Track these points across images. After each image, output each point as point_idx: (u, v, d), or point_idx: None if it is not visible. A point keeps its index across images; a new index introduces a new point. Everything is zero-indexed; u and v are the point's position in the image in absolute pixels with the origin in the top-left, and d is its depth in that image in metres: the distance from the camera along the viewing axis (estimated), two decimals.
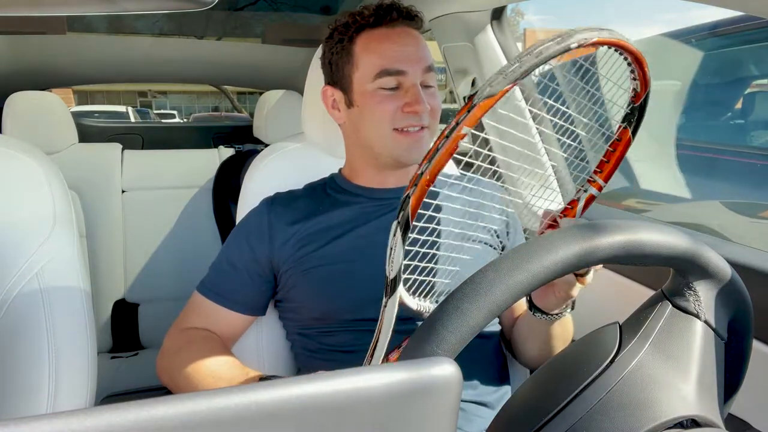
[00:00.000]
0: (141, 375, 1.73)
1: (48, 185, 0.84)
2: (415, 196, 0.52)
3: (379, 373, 0.30)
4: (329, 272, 0.87)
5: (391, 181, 0.94)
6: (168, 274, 1.94)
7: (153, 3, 0.71)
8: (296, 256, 0.89)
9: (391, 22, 0.88)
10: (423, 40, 0.90)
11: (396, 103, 0.86)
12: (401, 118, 0.86)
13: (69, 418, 0.25)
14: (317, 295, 0.88)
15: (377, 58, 0.86)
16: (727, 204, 1.68)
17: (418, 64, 0.87)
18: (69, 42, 1.98)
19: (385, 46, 0.87)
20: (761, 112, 2.41)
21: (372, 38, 0.88)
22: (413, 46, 0.88)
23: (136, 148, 2.20)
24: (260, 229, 0.91)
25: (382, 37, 0.87)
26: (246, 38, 2.38)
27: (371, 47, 0.87)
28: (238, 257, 0.91)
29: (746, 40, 2.34)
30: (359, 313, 0.85)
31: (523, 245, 0.42)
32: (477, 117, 0.49)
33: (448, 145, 0.50)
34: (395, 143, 0.88)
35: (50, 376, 0.76)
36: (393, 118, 0.86)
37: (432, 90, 0.89)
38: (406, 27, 0.89)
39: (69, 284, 0.81)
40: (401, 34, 0.88)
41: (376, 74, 0.86)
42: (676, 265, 0.47)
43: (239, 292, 0.91)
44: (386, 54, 0.86)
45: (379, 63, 0.86)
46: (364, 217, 0.91)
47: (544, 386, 0.47)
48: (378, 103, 0.87)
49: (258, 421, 0.27)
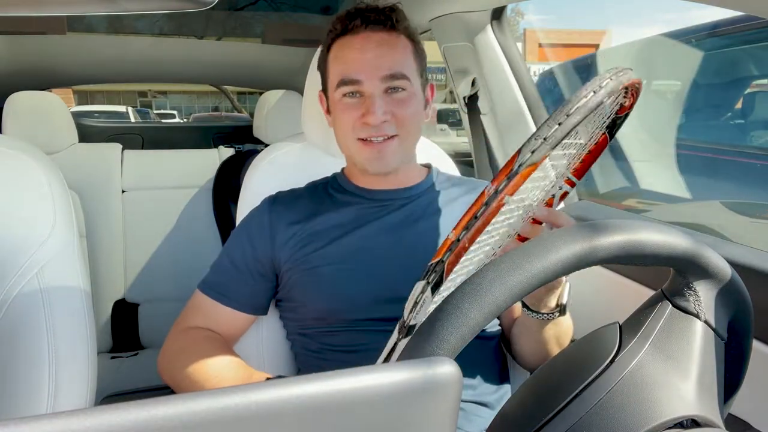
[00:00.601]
0: (141, 375, 1.73)
1: (48, 185, 0.84)
2: (450, 261, 0.50)
3: (379, 373, 0.30)
4: (329, 272, 0.87)
5: (384, 183, 0.94)
6: (168, 274, 1.94)
7: (153, 3, 0.71)
8: (297, 256, 0.89)
9: (354, 30, 0.87)
10: (393, 44, 0.87)
11: (356, 113, 0.86)
12: (361, 129, 0.87)
13: (69, 418, 0.25)
14: (317, 295, 0.88)
15: (338, 66, 0.88)
16: (727, 204, 1.68)
17: (375, 72, 0.85)
18: (69, 42, 1.98)
19: (344, 54, 0.87)
20: (761, 112, 2.41)
21: (339, 47, 0.89)
22: (374, 52, 0.86)
23: (136, 148, 2.20)
24: (262, 228, 0.92)
25: (343, 46, 0.88)
26: (246, 38, 2.38)
27: (337, 56, 0.89)
28: (240, 256, 0.92)
29: (746, 40, 2.34)
30: (359, 314, 0.85)
31: (524, 245, 0.42)
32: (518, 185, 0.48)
33: (487, 214, 0.48)
34: (359, 153, 0.89)
35: (50, 376, 0.76)
36: (354, 128, 0.87)
37: (401, 96, 0.87)
38: (373, 32, 0.87)
39: (69, 284, 0.81)
40: (362, 41, 0.86)
41: (337, 84, 0.87)
42: (676, 265, 0.47)
43: (241, 291, 0.91)
44: (345, 62, 0.87)
45: (339, 72, 0.87)
46: (364, 218, 0.91)
47: (544, 386, 0.47)
48: (341, 112, 0.88)
49: (258, 421, 0.27)
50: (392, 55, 0.86)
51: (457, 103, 1.55)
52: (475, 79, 1.43)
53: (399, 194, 0.94)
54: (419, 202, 0.94)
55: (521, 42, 15.04)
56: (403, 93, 0.87)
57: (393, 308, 0.67)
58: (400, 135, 0.88)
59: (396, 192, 0.94)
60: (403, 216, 0.92)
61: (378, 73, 0.85)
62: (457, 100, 1.54)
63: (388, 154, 0.87)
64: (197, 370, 0.82)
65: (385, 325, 0.65)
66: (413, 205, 0.94)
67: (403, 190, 0.95)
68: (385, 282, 0.85)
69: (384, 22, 0.87)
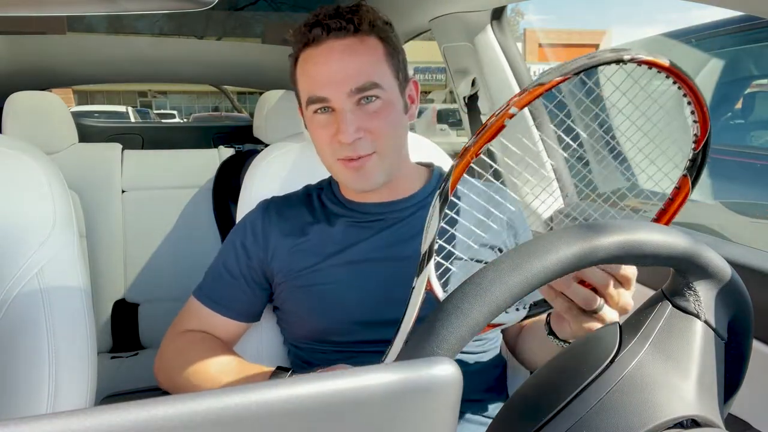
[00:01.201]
0: (141, 375, 1.73)
1: (48, 185, 0.84)
2: (458, 167, 0.52)
3: (379, 373, 0.30)
4: (321, 292, 0.85)
5: (374, 197, 0.88)
6: (168, 274, 1.94)
7: (153, 3, 0.71)
8: (289, 270, 0.87)
9: (315, 41, 0.79)
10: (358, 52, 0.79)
11: (329, 131, 0.80)
12: (338, 149, 0.80)
13: (69, 418, 0.25)
14: (309, 314, 0.86)
15: (305, 83, 0.82)
16: (728, 204, 1.68)
17: (342, 86, 0.77)
18: (69, 42, 1.98)
19: (310, 70, 0.80)
20: (761, 112, 2.41)
21: (303, 60, 0.82)
22: (337, 64, 0.78)
23: (136, 148, 2.20)
24: (255, 235, 0.90)
25: (307, 59, 0.81)
26: (246, 38, 2.39)
27: (302, 71, 0.82)
28: (234, 263, 0.90)
29: (746, 40, 2.34)
30: (351, 336, 0.83)
31: (524, 245, 0.42)
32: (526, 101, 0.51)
33: (496, 121, 0.51)
34: (339, 172, 0.84)
35: (50, 376, 0.76)
36: (331, 149, 0.81)
37: (374, 107, 0.79)
38: (336, 40, 0.79)
39: (69, 284, 0.81)
40: (325, 53, 0.79)
41: (306, 101, 0.82)
42: (676, 265, 0.47)
43: (235, 299, 0.89)
44: (310, 78, 0.80)
45: (306, 89, 0.81)
46: (356, 236, 0.87)
47: (544, 386, 0.47)
48: (315, 130, 0.83)
49: (258, 421, 0.27)
50: (358, 64, 0.78)
51: (457, 103, 1.55)
52: (475, 79, 1.43)
53: (393, 207, 0.89)
54: (417, 215, 0.88)
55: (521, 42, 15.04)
56: (377, 102, 0.79)
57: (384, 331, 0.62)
58: (378, 151, 0.81)
59: (389, 205, 0.89)
60: (396, 233, 0.87)
61: (344, 88, 0.77)
62: (457, 100, 1.54)
63: (369, 172, 0.81)
64: (195, 371, 0.81)
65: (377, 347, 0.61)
66: (409, 219, 0.88)
67: (398, 202, 0.89)
68: (376, 305, 0.82)
69: (346, 27, 0.79)
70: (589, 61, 0.50)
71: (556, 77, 0.50)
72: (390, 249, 0.86)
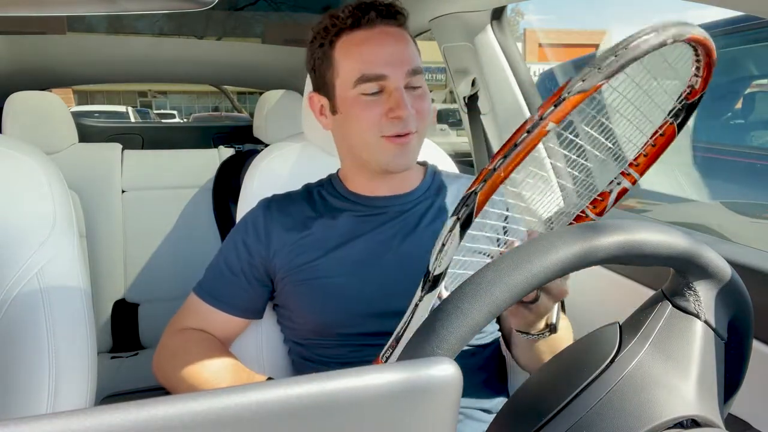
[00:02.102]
0: (141, 375, 1.73)
1: (48, 185, 0.84)
2: (483, 192, 0.48)
3: (379, 373, 0.30)
4: (322, 286, 0.85)
5: (384, 188, 0.91)
6: (168, 274, 1.94)
7: (153, 3, 0.71)
8: (291, 265, 0.87)
9: (369, 23, 0.83)
10: (408, 40, 0.86)
11: (379, 109, 0.82)
12: (387, 125, 0.82)
13: (69, 418, 0.25)
14: (312, 308, 0.86)
15: (356, 62, 0.82)
16: (728, 204, 1.68)
17: (400, 66, 0.82)
18: (69, 42, 1.98)
19: (364, 50, 0.82)
20: (761, 112, 2.41)
21: (351, 42, 0.83)
22: (394, 47, 0.83)
23: (136, 148, 2.20)
24: (257, 233, 0.90)
25: (360, 40, 0.83)
26: (246, 38, 2.39)
27: (350, 52, 0.83)
28: (235, 260, 0.90)
29: (746, 40, 2.34)
30: (354, 328, 0.83)
31: (524, 245, 0.42)
32: (565, 112, 0.45)
33: (528, 141, 0.46)
34: (382, 151, 0.84)
35: (50, 376, 0.76)
36: (379, 125, 0.82)
37: (420, 92, 0.85)
38: (387, 26, 0.84)
39: (69, 284, 0.81)
40: (381, 35, 0.83)
41: (356, 80, 0.82)
42: (676, 265, 0.47)
43: (236, 296, 0.90)
44: (366, 58, 0.82)
45: (359, 68, 0.82)
46: (359, 229, 0.88)
47: (544, 386, 0.47)
48: (361, 110, 0.83)
49: (258, 421, 0.27)
50: (410, 50, 0.84)
51: (457, 103, 1.55)
52: (475, 79, 1.43)
53: (396, 201, 0.91)
54: (417, 209, 0.91)
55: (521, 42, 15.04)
56: (420, 89, 0.85)
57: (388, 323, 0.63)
58: (418, 131, 0.85)
59: (393, 199, 0.91)
60: (399, 226, 0.89)
61: (403, 68, 0.82)
62: (457, 100, 1.54)
63: (410, 150, 0.85)
64: (192, 373, 0.81)
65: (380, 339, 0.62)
66: (410, 212, 0.90)
67: (401, 196, 0.92)
68: (380, 296, 0.83)
69: (395, 15, 0.85)
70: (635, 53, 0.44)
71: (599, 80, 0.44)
72: (392, 241, 0.87)
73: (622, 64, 0.44)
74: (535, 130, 0.45)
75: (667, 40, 0.45)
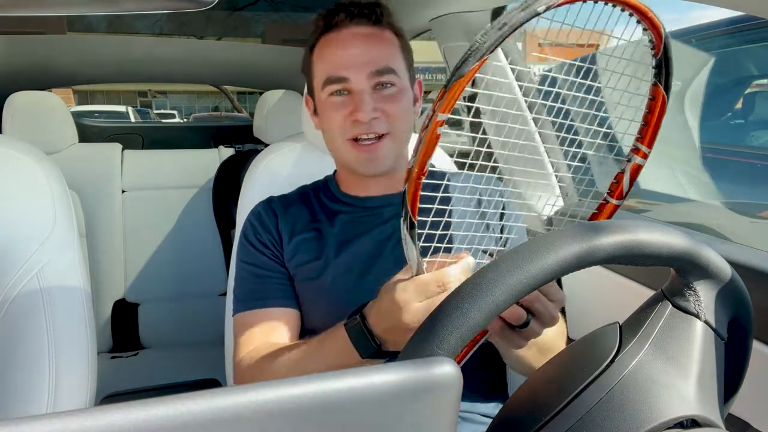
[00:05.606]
0: (141, 375, 1.73)
1: (48, 185, 0.84)
2: (409, 190, 0.51)
3: (379, 373, 0.30)
4: (320, 288, 0.85)
5: (376, 188, 0.90)
6: (168, 274, 1.94)
7: (153, 3, 0.71)
8: (292, 264, 0.88)
9: (338, 25, 0.84)
10: (380, 38, 0.84)
11: (344, 111, 0.82)
12: (351, 128, 0.83)
13: (69, 418, 0.25)
14: (312, 308, 0.87)
15: (323, 65, 0.84)
16: (728, 204, 1.68)
17: (363, 68, 0.81)
18: (69, 42, 1.98)
19: (329, 52, 0.84)
20: (761, 112, 2.41)
21: (322, 45, 0.86)
22: (359, 48, 0.82)
23: (136, 147, 2.20)
24: (265, 228, 0.90)
25: (328, 43, 0.85)
26: (246, 38, 2.38)
27: (321, 54, 0.85)
28: (259, 260, 0.89)
29: (747, 40, 2.34)
30: None
31: (524, 245, 0.42)
32: (450, 100, 0.48)
33: (428, 134, 0.49)
34: (350, 155, 0.85)
35: (50, 376, 0.76)
36: (343, 128, 0.83)
37: (391, 91, 0.83)
38: (359, 27, 0.84)
39: (69, 284, 0.81)
40: (347, 37, 0.83)
41: (323, 82, 0.84)
42: (676, 265, 0.47)
43: (279, 289, 0.87)
44: (330, 60, 0.83)
45: (324, 70, 0.84)
46: (354, 230, 0.88)
47: (544, 386, 0.47)
48: (330, 112, 0.84)
49: (258, 420, 0.27)
50: (379, 49, 0.83)
51: None
52: (475, 79, 1.43)
53: (391, 200, 0.91)
54: None
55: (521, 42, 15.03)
56: (392, 89, 0.83)
57: None
58: (391, 133, 0.84)
59: (387, 198, 0.91)
60: (393, 226, 0.88)
61: (365, 69, 0.81)
62: None
63: (381, 154, 0.84)
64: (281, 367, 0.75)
65: None
66: None
67: (395, 195, 0.91)
68: None
69: (369, 15, 0.84)
70: (501, 32, 0.46)
71: (473, 64, 0.46)
72: (387, 243, 0.87)
73: (490, 44, 0.46)
74: (431, 124, 0.49)
75: (538, 9, 0.46)
